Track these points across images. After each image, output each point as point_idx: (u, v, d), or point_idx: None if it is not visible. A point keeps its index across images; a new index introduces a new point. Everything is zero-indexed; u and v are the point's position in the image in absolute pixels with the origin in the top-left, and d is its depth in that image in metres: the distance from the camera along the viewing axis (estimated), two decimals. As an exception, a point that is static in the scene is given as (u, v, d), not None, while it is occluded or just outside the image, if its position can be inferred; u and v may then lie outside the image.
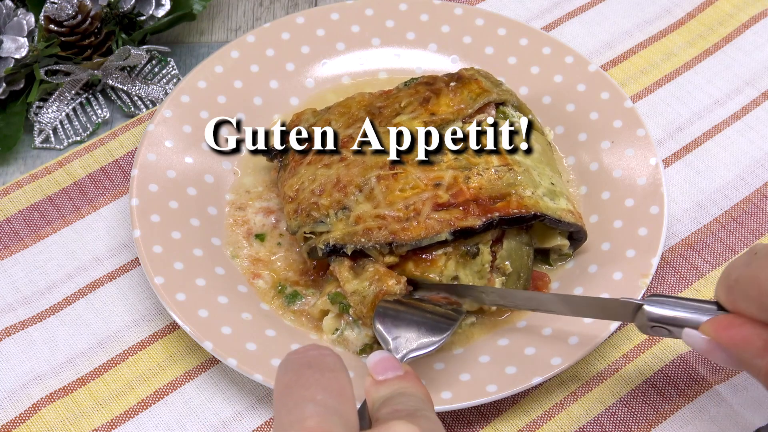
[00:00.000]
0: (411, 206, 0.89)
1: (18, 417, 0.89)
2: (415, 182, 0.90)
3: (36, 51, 1.07)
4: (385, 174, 0.91)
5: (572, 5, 1.17)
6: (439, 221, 0.88)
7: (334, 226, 0.90)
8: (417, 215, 0.88)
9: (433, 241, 0.88)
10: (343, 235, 0.89)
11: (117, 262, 0.98)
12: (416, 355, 0.80)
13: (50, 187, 1.03)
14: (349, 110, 0.99)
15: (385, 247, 0.88)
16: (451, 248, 0.88)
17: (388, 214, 0.89)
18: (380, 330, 0.82)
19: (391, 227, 0.88)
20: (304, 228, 0.91)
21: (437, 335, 0.82)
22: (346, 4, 1.11)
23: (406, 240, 0.87)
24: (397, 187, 0.90)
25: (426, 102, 0.97)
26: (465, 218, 0.88)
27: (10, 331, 0.94)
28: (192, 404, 0.90)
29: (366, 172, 0.91)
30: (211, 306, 0.91)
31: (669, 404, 0.89)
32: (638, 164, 0.99)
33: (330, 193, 0.91)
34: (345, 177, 0.92)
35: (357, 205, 0.90)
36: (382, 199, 0.90)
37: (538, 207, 0.89)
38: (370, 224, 0.89)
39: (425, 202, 0.89)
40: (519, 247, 0.90)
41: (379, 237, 0.88)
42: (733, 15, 1.15)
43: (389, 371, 0.72)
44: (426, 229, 0.87)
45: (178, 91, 1.04)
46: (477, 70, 1.00)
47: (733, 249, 0.98)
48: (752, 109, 1.08)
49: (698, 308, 0.75)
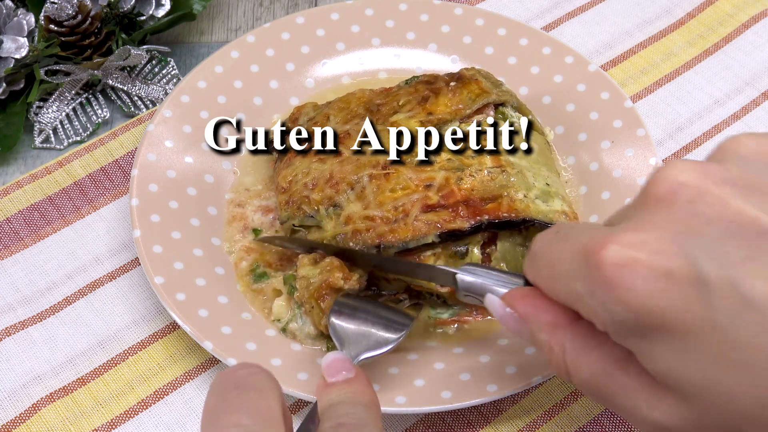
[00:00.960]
0: (400, 207, 0.89)
1: (18, 417, 0.89)
2: (406, 183, 0.90)
3: (36, 51, 1.07)
4: (378, 173, 0.91)
5: (572, 5, 1.17)
6: (426, 223, 0.88)
7: (324, 222, 0.90)
8: (405, 217, 0.88)
9: (419, 244, 0.88)
10: (334, 235, 0.89)
11: (117, 262, 0.98)
12: (369, 356, 0.80)
13: (50, 187, 1.03)
14: (349, 106, 0.99)
15: (373, 249, 0.88)
16: (440, 248, 0.89)
17: (377, 215, 0.89)
18: (335, 327, 0.82)
19: (379, 229, 0.88)
20: (294, 220, 0.92)
21: (392, 335, 0.82)
22: (346, 4, 1.11)
23: (393, 242, 0.87)
24: (388, 187, 0.90)
25: (424, 101, 0.97)
26: (453, 220, 0.88)
27: (10, 331, 0.94)
28: (192, 404, 0.90)
29: (359, 170, 0.92)
30: (211, 306, 0.91)
31: (669, 404, 0.89)
32: (638, 164, 0.99)
33: (322, 188, 0.91)
34: (338, 173, 0.92)
35: (348, 203, 0.90)
36: (372, 199, 0.90)
37: (528, 211, 0.89)
38: (359, 225, 0.89)
39: (414, 204, 0.89)
40: (513, 248, 0.90)
41: (367, 239, 0.88)
42: (733, 15, 1.15)
43: (341, 372, 0.71)
44: (413, 231, 0.87)
45: (178, 91, 1.04)
46: (478, 71, 1.00)
47: (733, 249, 0.98)
48: (752, 109, 1.08)
49: (506, 280, 0.76)
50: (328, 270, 0.87)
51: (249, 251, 0.96)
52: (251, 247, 0.97)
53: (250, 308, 0.92)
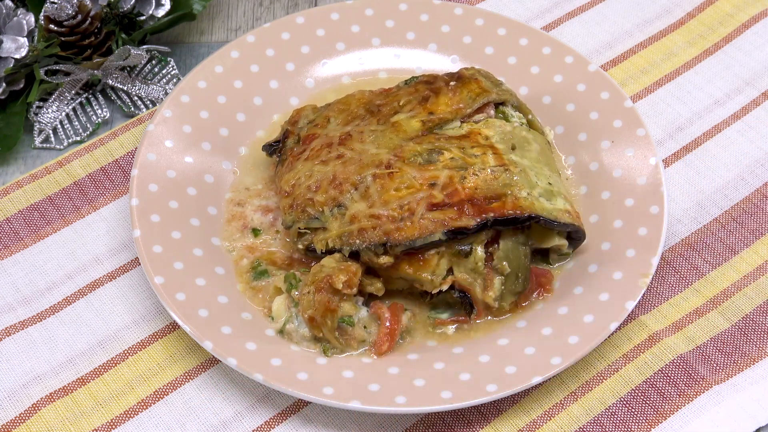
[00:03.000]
0: (405, 206, 0.89)
1: (18, 417, 0.89)
2: (410, 182, 0.90)
3: (36, 51, 1.07)
4: (381, 173, 0.91)
5: (572, 5, 1.17)
6: (433, 221, 0.88)
7: (329, 223, 0.90)
8: (411, 215, 0.88)
9: (426, 242, 0.88)
10: (339, 235, 0.89)
11: (117, 262, 0.98)
12: None
13: (50, 187, 1.03)
14: (349, 107, 0.99)
15: (380, 247, 0.88)
16: (444, 247, 0.89)
17: (382, 214, 0.89)
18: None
19: (385, 227, 0.88)
20: (299, 224, 0.92)
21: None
22: (346, 4, 1.11)
23: (400, 240, 0.88)
24: (393, 186, 0.90)
25: (425, 101, 0.97)
26: (459, 218, 0.88)
27: (10, 331, 0.94)
28: (192, 404, 0.90)
29: (362, 170, 0.92)
30: (211, 306, 0.91)
31: (669, 404, 0.89)
32: (638, 164, 0.99)
33: (326, 189, 0.92)
34: (341, 174, 0.92)
35: (352, 203, 0.90)
36: (377, 198, 0.90)
37: (533, 208, 0.89)
38: (364, 224, 0.89)
39: (420, 202, 0.89)
40: (516, 247, 0.90)
41: (373, 237, 0.88)
42: (733, 15, 1.15)
43: None
44: (420, 229, 0.88)
45: (178, 91, 1.04)
46: (477, 70, 1.00)
47: (733, 249, 0.98)
48: (752, 109, 1.08)
49: None
50: (341, 269, 0.87)
51: (251, 250, 0.96)
52: (253, 246, 0.97)
53: (250, 308, 0.92)
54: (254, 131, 1.05)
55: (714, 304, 0.95)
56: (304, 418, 0.89)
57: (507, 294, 0.90)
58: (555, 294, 0.93)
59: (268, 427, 0.89)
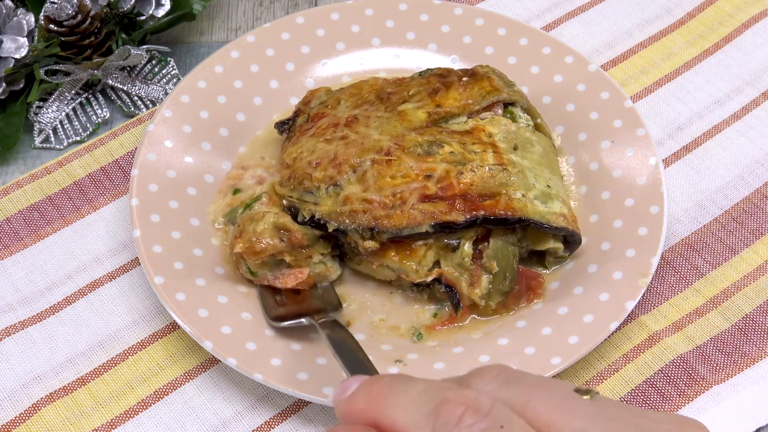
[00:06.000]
0: (398, 194, 0.89)
1: (18, 417, 0.89)
2: (406, 171, 0.91)
3: (36, 51, 1.07)
4: (380, 159, 0.92)
5: (572, 5, 1.17)
6: (422, 213, 0.88)
7: (322, 200, 0.91)
8: (402, 204, 0.89)
9: (413, 232, 0.88)
10: (329, 212, 0.90)
11: (117, 262, 0.98)
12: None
13: (50, 187, 1.03)
14: (360, 92, 0.99)
15: (367, 231, 0.89)
16: (433, 240, 0.89)
17: (374, 199, 0.90)
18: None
19: (375, 213, 0.89)
20: (293, 194, 0.93)
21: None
22: (346, 4, 1.11)
23: (387, 227, 0.88)
24: (389, 174, 0.91)
25: (434, 93, 0.97)
26: (449, 212, 0.88)
27: (10, 331, 0.94)
28: (192, 404, 0.90)
29: (362, 154, 0.92)
30: (211, 306, 0.91)
31: (669, 404, 0.89)
32: (638, 164, 0.99)
33: (325, 167, 0.92)
34: (342, 155, 0.92)
35: (348, 185, 0.91)
36: (372, 183, 0.90)
37: (524, 211, 0.89)
38: (356, 206, 0.90)
39: (413, 192, 0.89)
40: (505, 247, 0.90)
41: (362, 220, 0.89)
42: (733, 15, 1.15)
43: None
44: (408, 219, 0.88)
45: (178, 91, 1.04)
46: (492, 69, 1.00)
47: (733, 249, 0.98)
48: (752, 109, 1.08)
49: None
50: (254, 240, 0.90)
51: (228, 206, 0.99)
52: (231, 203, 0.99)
53: (251, 308, 0.92)
54: (254, 131, 1.05)
55: (714, 304, 0.95)
56: (304, 418, 0.89)
57: (494, 293, 0.90)
58: (555, 294, 0.93)
59: (268, 427, 0.89)
